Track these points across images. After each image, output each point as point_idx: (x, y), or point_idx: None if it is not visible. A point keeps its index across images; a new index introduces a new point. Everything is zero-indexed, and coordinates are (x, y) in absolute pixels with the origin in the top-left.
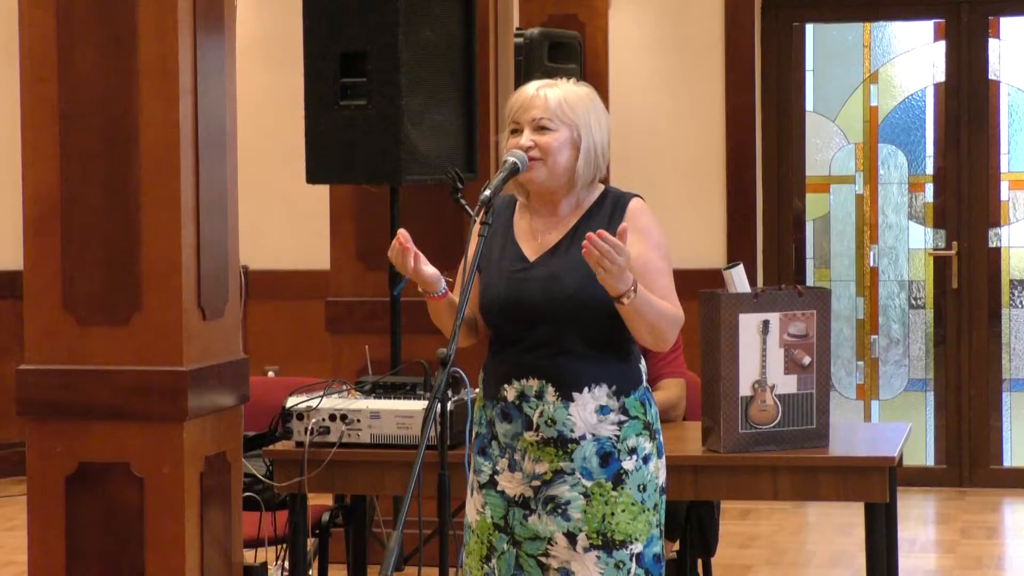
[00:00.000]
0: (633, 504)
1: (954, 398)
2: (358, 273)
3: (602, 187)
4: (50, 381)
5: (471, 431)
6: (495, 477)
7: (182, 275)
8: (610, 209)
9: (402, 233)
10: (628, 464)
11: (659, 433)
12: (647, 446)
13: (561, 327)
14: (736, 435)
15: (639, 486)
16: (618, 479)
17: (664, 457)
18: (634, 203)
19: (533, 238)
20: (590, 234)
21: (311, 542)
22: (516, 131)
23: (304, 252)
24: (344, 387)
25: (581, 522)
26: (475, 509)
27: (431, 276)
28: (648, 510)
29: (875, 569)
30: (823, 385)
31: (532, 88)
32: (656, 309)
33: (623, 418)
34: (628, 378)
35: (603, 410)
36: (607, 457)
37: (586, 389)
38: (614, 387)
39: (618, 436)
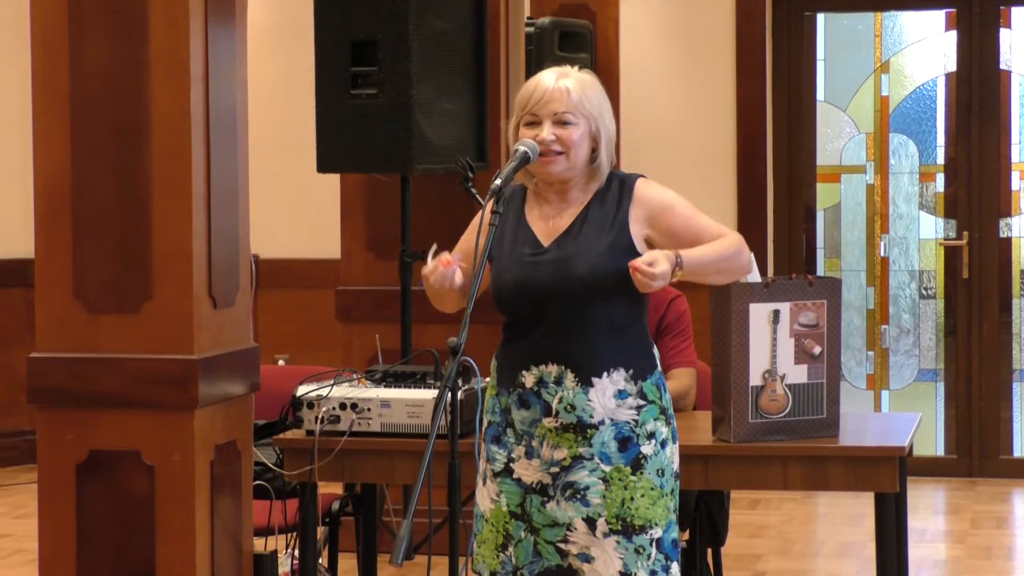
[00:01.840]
0: (652, 489)
1: (964, 388)
2: (368, 262)
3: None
4: (61, 369)
5: (481, 420)
6: (511, 465)
7: (193, 263)
8: (618, 191)
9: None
10: (647, 449)
11: (673, 418)
12: (664, 431)
13: (576, 309)
14: (746, 425)
15: (658, 471)
16: (637, 464)
17: (678, 443)
18: (640, 183)
19: (544, 223)
20: (635, 267)
21: (321, 531)
22: (533, 123)
23: (314, 241)
24: (354, 376)
25: (600, 507)
26: (488, 498)
27: (457, 283)
28: (666, 495)
29: (885, 559)
30: (833, 375)
31: (551, 80)
32: (713, 257)
33: (641, 402)
34: (644, 362)
35: (621, 394)
36: (625, 442)
37: (605, 374)
38: (631, 371)
39: (636, 420)
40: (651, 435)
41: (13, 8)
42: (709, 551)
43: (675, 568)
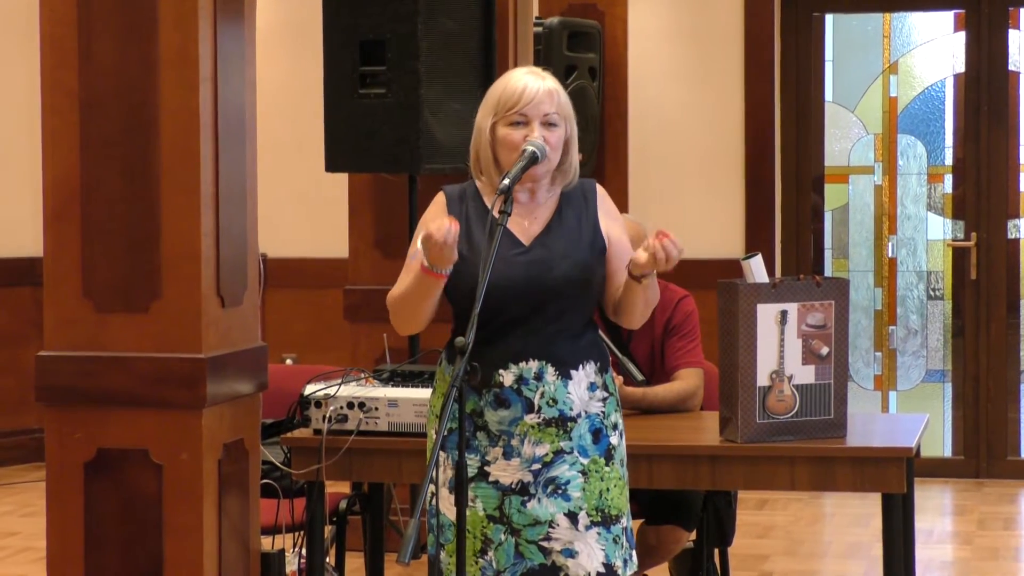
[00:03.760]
0: (620, 479)
1: (972, 389)
2: (376, 261)
3: None
4: (69, 368)
5: (445, 427)
6: (485, 468)
7: (201, 263)
8: (580, 192)
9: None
10: (614, 440)
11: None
12: (621, 422)
13: (566, 305)
14: (754, 425)
15: (621, 461)
16: (608, 455)
17: None
18: (599, 188)
19: (519, 223)
20: (666, 233)
21: (328, 529)
22: (519, 123)
23: (322, 240)
24: (362, 375)
25: (581, 500)
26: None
27: (454, 257)
28: (627, 484)
29: (892, 560)
30: (841, 376)
31: (537, 82)
32: (655, 292)
33: (605, 394)
34: (604, 355)
35: (592, 387)
36: (597, 433)
37: (580, 366)
38: (598, 364)
39: (604, 412)
40: (615, 426)
41: (23, 7)
42: (716, 551)
43: (634, 555)
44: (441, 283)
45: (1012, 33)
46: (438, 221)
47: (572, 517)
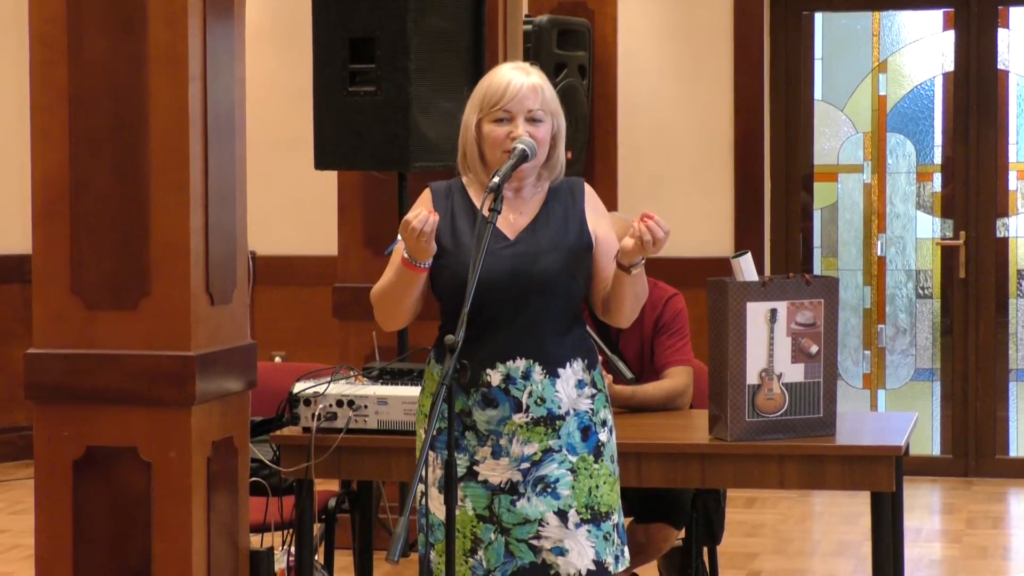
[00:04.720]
0: (610, 475)
1: (961, 388)
2: (366, 259)
3: None
4: (58, 365)
5: (434, 426)
6: (474, 468)
7: (190, 260)
8: (568, 190)
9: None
10: (603, 436)
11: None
12: (610, 418)
13: (551, 299)
14: (743, 423)
15: (611, 457)
16: (598, 452)
17: None
18: (587, 186)
19: (504, 218)
20: (650, 215)
21: (317, 527)
22: (503, 120)
23: (312, 238)
24: (351, 373)
25: (570, 498)
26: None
27: (432, 249)
28: (617, 480)
29: (881, 558)
30: (830, 374)
31: (521, 77)
32: (644, 285)
33: (594, 391)
34: (592, 352)
35: (580, 384)
36: (586, 431)
37: (568, 364)
38: (586, 361)
39: (593, 409)
40: (604, 422)
41: (12, 4)
42: (705, 550)
43: (626, 551)
44: (421, 277)
45: (1001, 32)
46: (417, 209)
47: (562, 515)
